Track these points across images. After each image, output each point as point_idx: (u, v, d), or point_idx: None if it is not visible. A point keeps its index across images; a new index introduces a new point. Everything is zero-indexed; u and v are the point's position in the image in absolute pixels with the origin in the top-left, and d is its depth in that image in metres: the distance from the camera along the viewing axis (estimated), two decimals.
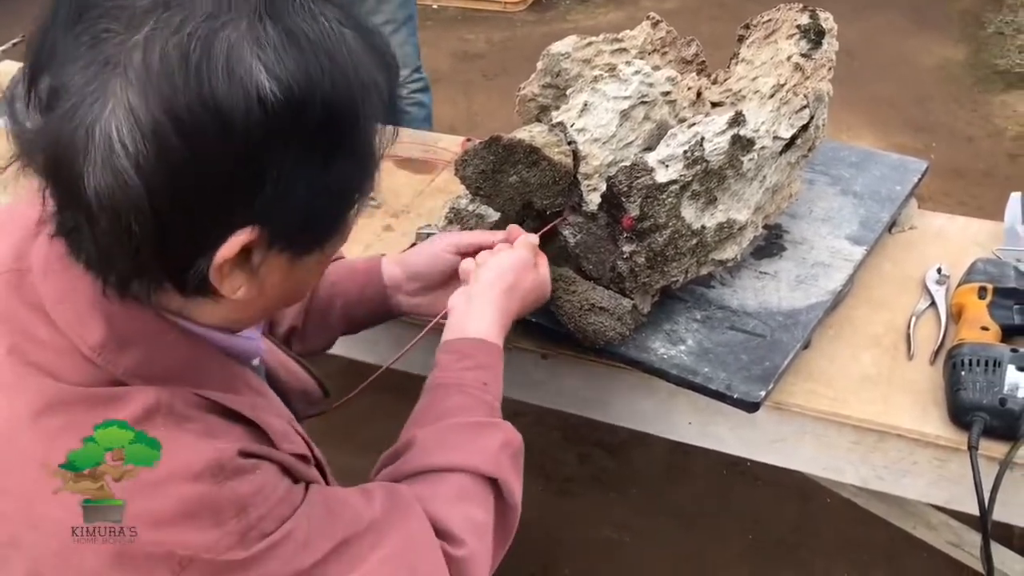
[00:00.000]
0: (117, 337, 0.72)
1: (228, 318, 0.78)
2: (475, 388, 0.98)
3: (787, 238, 1.44)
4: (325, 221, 0.74)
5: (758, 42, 1.41)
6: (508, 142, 1.14)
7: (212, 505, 0.70)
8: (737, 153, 1.14)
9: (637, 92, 1.19)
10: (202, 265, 0.69)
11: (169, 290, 0.72)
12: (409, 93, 2.43)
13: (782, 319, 1.28)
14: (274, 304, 0.81)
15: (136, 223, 0.65)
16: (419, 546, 0.83)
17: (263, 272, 0.73)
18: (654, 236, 1.12)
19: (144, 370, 0.73)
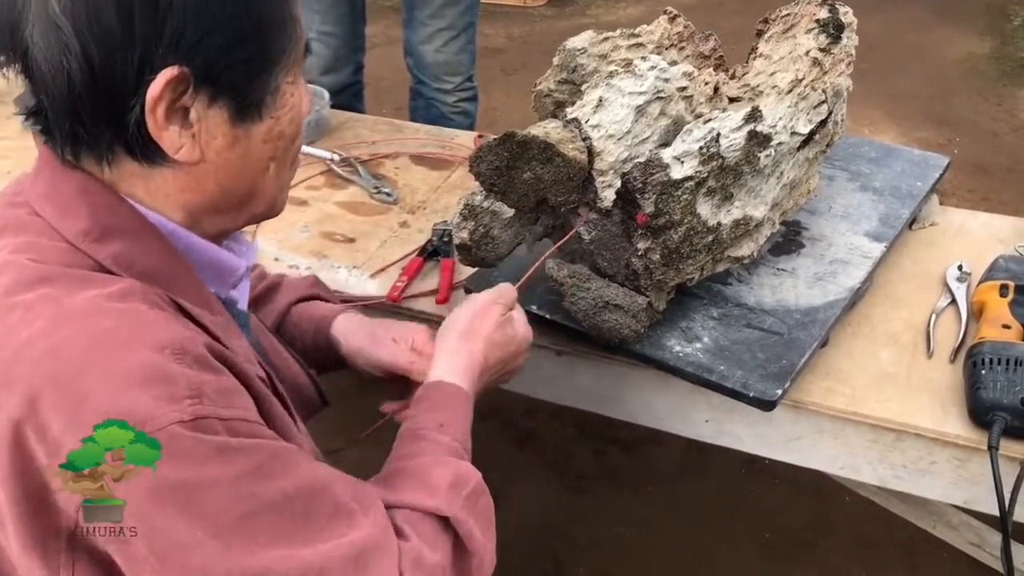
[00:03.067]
0: (100, 227, 0.77)
1: (189, 200, 0.81)
2: (431, 430, 0.94)
3: (805, 235, 1.42)
4: (247, 68, 0.78)
5: (776, 36, 1.40)
6: (522, 138, 1.13)
7: (166, 377, 0.69)
8: (754, 149, 1.13)
9: (653, 88, 1.18)
10: (137, 110, 0.73)
11: (123, 161, 0.77)
12: (456, 101, 2.41)
13: (800, 317, 1.26)
14: (230, 183, 0.82)
15: (69, 63, 0.72)
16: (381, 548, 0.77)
17: (203, 132, 0.77)
18: (669, 233, 1.11)
19: (124, 261, 0.77)
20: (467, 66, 2.36)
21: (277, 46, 0.80)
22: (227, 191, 0.83)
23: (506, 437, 2.14)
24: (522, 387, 1.45)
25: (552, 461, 2.09)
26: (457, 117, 2.38)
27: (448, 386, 0.99)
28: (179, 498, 0.67)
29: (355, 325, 1.18)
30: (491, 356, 1.04)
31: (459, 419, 0.97)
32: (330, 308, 1.23)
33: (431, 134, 1.92)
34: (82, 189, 0.78)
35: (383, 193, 1.71)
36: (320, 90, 1.93)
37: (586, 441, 2.12)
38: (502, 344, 1.05)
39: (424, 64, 2.33)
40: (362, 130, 1.94)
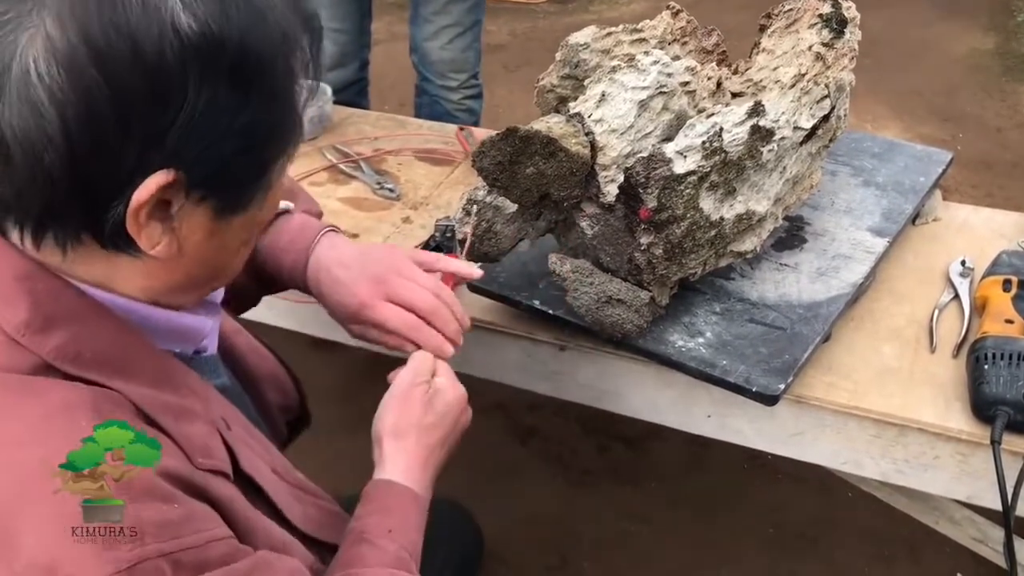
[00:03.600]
0: (42, 316, 0.70)
1: (151, 286, 0.75)
2: (379, 536, 0.89)
3: (808, 230, 1.42)
4: (244, 172, 0.73)
5: (779, 31, 1.40)
6: (525, 133, 1.13)
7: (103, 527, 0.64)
8: (756, 144, 1.13)
9: (655, 82, 1.18)
10: (119, 209, 0.67)
11: (88, 245, 0.70)
12: (461, 99, 2.39)
13: (802, 312, 1.27)
14: (198, 270, 0.77)
15: (50, 157, 0.63)
16: None
17: (184, 228, 0.71)
18: (672, 228, 1.11)
19: (71, 352, 0.70)
20: (472, 63, 2.35)
21: (280, 148, 0.75)
22: (193, 277, 0.78)
23: (509, 433, 2.15)
24: (525, 382, 1.45)
25: (556, 457, 2.09)
26: (462, 115, 2.37)
27: (397, 487, 0.93)
28: None
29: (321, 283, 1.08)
30: (430, 441, 0.97)
31: (409, 524, 0.92)
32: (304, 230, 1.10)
33: (434, 130, 1.92)
34: (22, 275, 0.71)
35: (386, 189, 1.72)
36: (323, 86, 1.93)
37: (589, 437, 2.13)
38: (436, 423, 0.98)
39: (429, 61, 2.32)
40: (365, 126, 1.94)
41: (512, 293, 1.34)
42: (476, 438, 0.99)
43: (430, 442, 0.97)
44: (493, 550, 1.81)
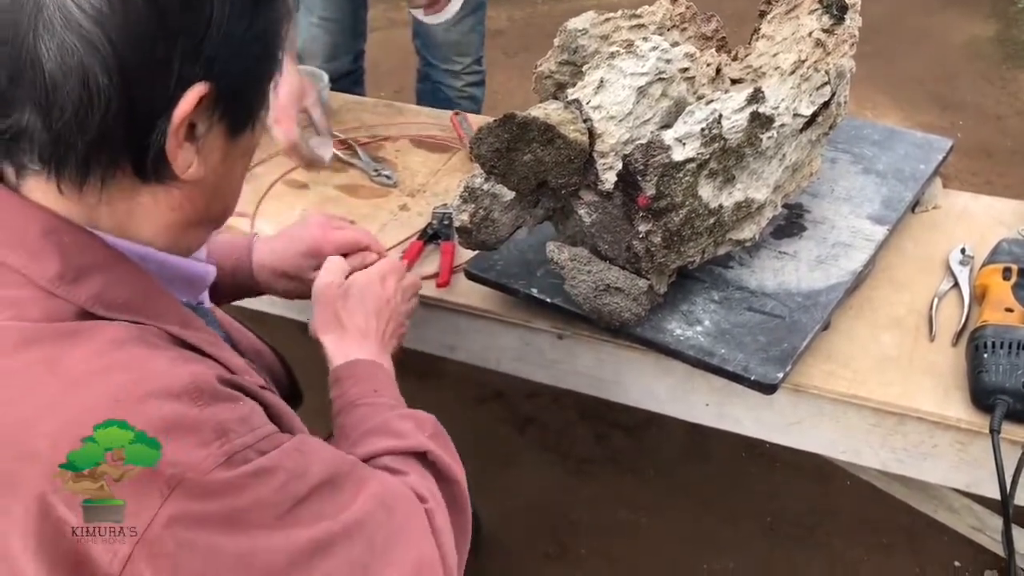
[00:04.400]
0: (73, 268, 0.74)
1: (172, 221, 0.80)
2: (367, 398, 0.98)
3: (808, 217, 1.41)
4: (254, 85, 0.78)
5: (779, 17, 1.39)
6: (523, 120, 1.13)
7: (193, 425, 0.69)
8: (756, 131, 1.12)
9: (654, 68, 1.17)
10: (162, 127, 0.71)
11: (121, 182, 0.74)
12: (464, 86, 2.34)
13: (801, 300, 1.26)
14: (212, 200, 0.82)
15: (101, 79, 0.68)
16: (395, 491, 0.84)
17: (207, 148, 0.76)
18: (670, 215, 1.10)
19: (105, 299, 0.74)
20: (477, 47, 2.32)
21: (278, 60, 0.80)
22: (211, 206, 0.83)
23: (508, 421, 2.14)
24: (523, 371, 1.45)
25: (554, 445, 2.09)
26: (464, 102, 2.33)
27: (362, 362, 1.03)
28: (231, 525, 0.70)
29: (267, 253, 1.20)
30: (358, 322, 1.08)
31: (388, 384, 1.02)
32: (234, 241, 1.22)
33: (432, 117, 1.91)
34: (49, 230, 0.74)
35: (383, 176, 1.71)
36: (320, 72, 1.92)
37: (588, 425, 2.12)
38: (356, 307, 1.09)
39: (434, 44, 2.28)
40: (362, 113, 1.92)
41: (509, 281, 1.33)
42: (474, 426, 1.01)
43: (358, 323, 1.08)
44: (490, 536, 1.81)
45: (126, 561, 0.67)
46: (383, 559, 0.77)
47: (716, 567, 1.84)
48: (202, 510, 0.68)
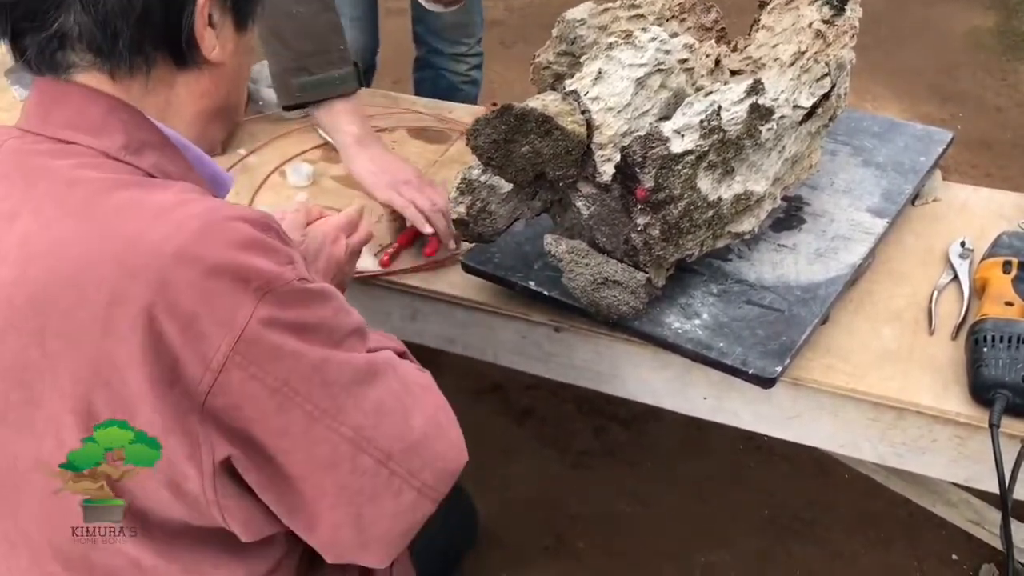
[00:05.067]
0: (135, 141, 0.84)
1: (203, 108, 0.91)
2: None
3: (807, 210, 1.41)
4: None
5: (779, 8, 1.37)
6: (520, 111, 1.12)
7: (272, 248, 0.79)
8: (755, 123, 1.11)
9: (653, 59, 1.16)
10: (189, 9, 0.84)
11: (161, 68, 0.86)
12: (467, 70, 2.30)
13: (800, 293, 1.25)
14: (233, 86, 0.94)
15: None
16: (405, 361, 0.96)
17: (222, 37, 0.89)
18: (669, 208, 1.09)
19: (161, 171, 0.85)
20: (477, 27, 2.28)
21: None
22: (231, 97, 0.95)
23: (506, 413, 2.13)
24: (520, 364, 1.44)
25: (552, 437, 2.08)
26: (467, 87, 2.31)
27: None
28: (307, 336, 0.80)
29: None
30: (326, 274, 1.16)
31: None
32: None
33: (429, 107, 1.90)
34: (110, 109, 0.84)
35: None
36: None
37: (586, 417, 2.11)
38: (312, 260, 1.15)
39: (438, 27, 2.24)
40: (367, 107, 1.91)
41: (507, 274, 1.32)
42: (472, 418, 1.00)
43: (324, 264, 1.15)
44: (488, 529, 1.80)
45: (222, 365, 0.76)
46: (412, 398, 0.88)
47: (714, 560, 1.84)
48: (286, 317, 0.78)
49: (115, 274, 0.75)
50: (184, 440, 0.77)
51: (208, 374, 0.76)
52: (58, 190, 0.80)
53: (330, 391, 0.81)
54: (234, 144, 1.80)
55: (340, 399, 0.81)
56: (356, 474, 0.83)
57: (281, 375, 0.78)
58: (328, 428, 0.81)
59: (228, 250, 0.77)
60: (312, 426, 0.80)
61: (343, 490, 0.83)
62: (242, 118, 1.05)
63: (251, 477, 0.82)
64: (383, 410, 0.84)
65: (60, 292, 0.76)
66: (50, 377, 0.77)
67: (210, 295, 0.75)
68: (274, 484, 0.82)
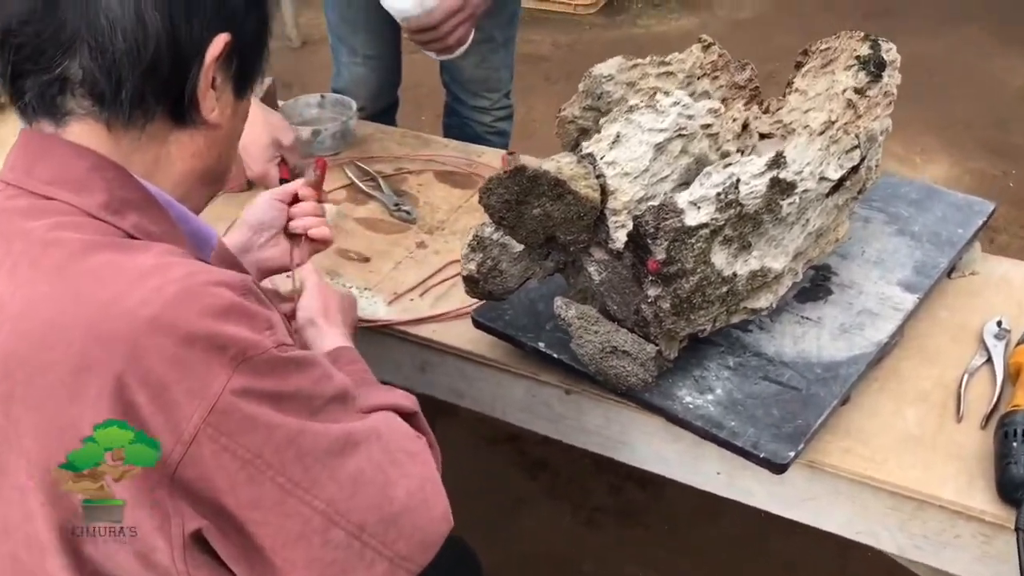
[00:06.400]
0: (117, 199, 0.82)
1: (192, 168, 0.89)
2: (356, 374, 1.05)
3: (835, 280, 1.35)
4: (261, 50, 0.92)
5: (814, 71, 1.33)
6: (532, 173, 1.08)
7: (251, 313, 0.78)
8: (776, 197, 1.06)
9: (674, 124, 1.12)
10: (195, 70, 0.83)
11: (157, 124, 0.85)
12: (493, 121, 2.26)
13: (820, 371, 1.20)
14: (225, 150, 0.93)
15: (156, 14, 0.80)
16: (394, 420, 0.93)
17: (222, 101, 0.88)
18: (680, 282, 1.05)
19: (143, 230, 0.83)
20: (506, 82, 2.23)
21: (271, 28, 0.93)
22: (222, 160, 0.94)
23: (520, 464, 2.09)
24: (529, 422, 1.40)
25: (566, 492, 2.03)
26: (492, 137, 2.25)
27: (348, 349, 1.12)
28: (282, 406, 0.78)
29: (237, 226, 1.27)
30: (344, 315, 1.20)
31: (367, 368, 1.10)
32: None
33: (458, 150, 1.87)
34: (94, 166, 0.82)
35: (403, 211, 1.67)
36: (348, 100, 1.90)
37: (601, 474, 2.06)
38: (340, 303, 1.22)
39: (462, 80, 2.21)
40: (389, 143, 1.89)
41: (517, 333, 1.28)
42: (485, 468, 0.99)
43: (344, 315, 1.20)
44: None
45: (194, 437, 0.74)
46: (396, 468, 0.86)
47: None
48: (262, 387, 0.76)
49: (86, 339, 0.74)
50: (154, 512, 0.76)
51: (179, 446, 0.74)
52: (34, 251, 0.79)
53: (304, 463, 0.79)
54: None
55: (314, 471, 0.80)
56: (328, 547, 0.81)
57: (254, 447, 0.76)
58: (300, 501, 0.79)
59: (205, 318, 0.75)
60: (284, 499, 0.79)
61: (314, 562, 0.81)
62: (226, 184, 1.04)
63: (221, 548, 0.80)
64: (361, 480, 0.83)
65: (28, 356, 0.75)
66: (15, 443, 0.75)
67: (184, 364, 0.74)
68: (245, 555, 0.80)
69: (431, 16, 1.61)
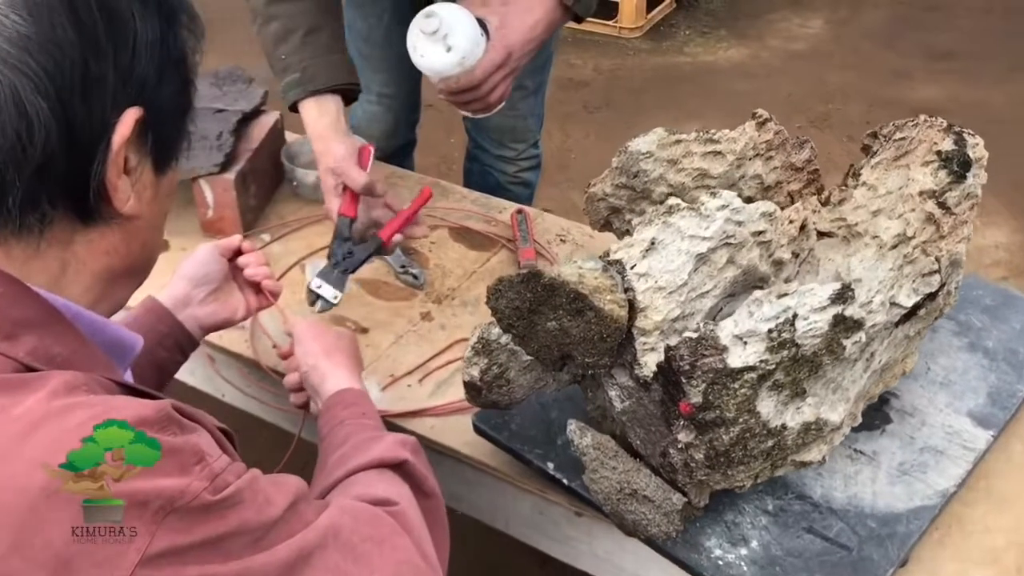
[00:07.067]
0: (9, 322, 0.70)
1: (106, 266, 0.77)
2: (354, 419, 1.03)
3: (894, 405, 1.17)
4: (181, 119, 0.79)
5: (886, 163, 1.15)
6: (549, 282, 0.91)
7: (173, 450, 0.66)
8: (839, 336, 0.88)
9: (720, 232, 0.94)
10: (100, 157, 0.70)
11: (58, 226, 0.72)
12: (517, 172, 2.06)
13: (875, 525, 1.02)
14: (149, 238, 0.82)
15: (41, 102, 0.66)
16: (355, 506, 0.83)
17: (139, 184, 0.75)
18: (718, 431, 0.87)
19: (45, 355, 0.71)
20: (534, 131, 2.03)
21: (193, 91, 0.80)
22: (146, 249, 0.82)
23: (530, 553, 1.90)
24: (534, 539, 1.24)
25: None
26: (516, 188, 2.05)
27: (352, 390, 1.09)
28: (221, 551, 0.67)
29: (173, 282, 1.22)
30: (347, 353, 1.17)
31: (373, 411, 1.06)
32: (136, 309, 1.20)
33: (478, 204, 1.71)
34: None
35: (410, 274, 1.51)
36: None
37: None
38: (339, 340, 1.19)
39: (486, 128, 2.00)
40: (403, 189, 1.73)
41: (523, 447, 1.12)
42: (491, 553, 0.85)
43: (348, 355, 1.17)
44: None
45: None
46: (361, 565, 0.76)
47: None
48: (191, 540, 0.65)
49: None
50: None
51: None
52: None
53: None
54: (260, 224, 1.64)
55: None
56: None
57: None
58: None
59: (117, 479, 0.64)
60: None
61: None
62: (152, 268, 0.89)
63: None
64: None
65: None
66: None
67: (91, 534, 0.62)
68: None
69: (471, 76, 1.40)
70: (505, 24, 1.42)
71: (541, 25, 1.45)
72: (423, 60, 1.39)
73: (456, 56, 1.37)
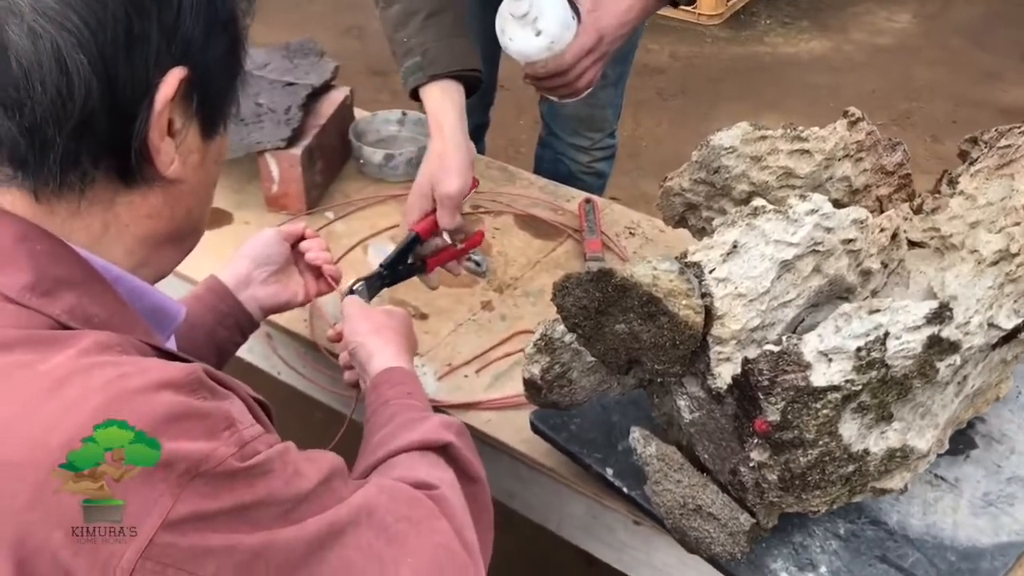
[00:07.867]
0: (47, 279, 0.69)
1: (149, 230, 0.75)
2: (399, 399, 1.00)
3: (980, 429, 1.10)
4: (230, 81, 0.76)
5: (987, 171, 1.07)
6: (621, 281, 0.86)
7: (201, 414, 0.65)
8: (932, 358, 0.82)
9: (808, 238, 0.88)
10: (143, 116, 0.69)
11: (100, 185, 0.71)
12: (591, 161, 2.00)
13: (955, 559, 0.95)
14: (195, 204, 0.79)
15: (83, 58, 0.65)
16: (394, 486, 0.80)
17: (185, 148, 0.73)
18: (795, 452, 0.82)
19: (82, 314, 0.70)
20: (612, 121, 1.96)
21: (244, 54, 0.77)
22: (191, 216, 0.79)
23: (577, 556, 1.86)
24: (588, 545, 1.20)
25: None
26: (588, 178, 1.98)
27: (399, 369, 1.06)
28: (247, 520, 0.66)
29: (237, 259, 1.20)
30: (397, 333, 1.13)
31: (420, 391, 1.04)
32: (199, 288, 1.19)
33: (545, 191, 1.66)
34: (20, 236, 0.69)
35: (472, 261, 1.47)
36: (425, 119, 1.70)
37: None
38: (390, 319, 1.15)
39: (561, 115, 1.94)
40: None
41: (582, 451, 1.08)
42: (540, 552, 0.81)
43: (399, 333, 1.13)
44: None
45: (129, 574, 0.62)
46: (396, 545, 0.74)
47: None
48: (216, 507, 0.64)
49: None
50: None
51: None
52: None
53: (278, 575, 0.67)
54: (324, 201, 1.61)
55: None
56: None
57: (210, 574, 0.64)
58: None
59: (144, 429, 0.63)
60: None
61: None
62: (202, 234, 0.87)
63: None
64: (352, 571, 0.71)
65: None
66: None
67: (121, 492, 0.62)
68: None
69: (560, 60, 1.35)
70: (598, 6, 1.36)
71: (636, 9, 1.40)
72: (512, 44, 1.34)
73: (545, 40, 1.32)
